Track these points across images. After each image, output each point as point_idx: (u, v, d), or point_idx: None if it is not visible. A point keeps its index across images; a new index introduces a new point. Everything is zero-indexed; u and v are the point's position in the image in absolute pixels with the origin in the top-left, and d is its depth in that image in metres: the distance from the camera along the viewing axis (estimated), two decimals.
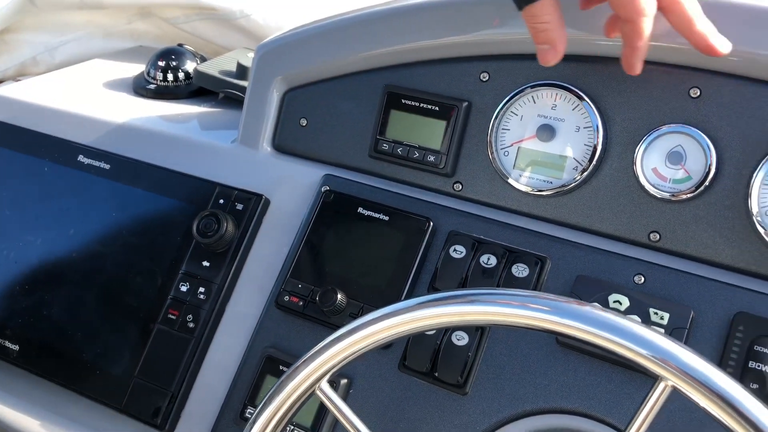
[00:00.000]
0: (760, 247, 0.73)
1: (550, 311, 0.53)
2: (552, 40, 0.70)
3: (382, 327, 0.59)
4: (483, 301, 0.54)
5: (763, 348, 0.68)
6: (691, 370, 0.49)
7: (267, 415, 0.61)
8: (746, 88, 0.74)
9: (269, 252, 0.92)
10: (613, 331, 0.51)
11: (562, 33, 0.70)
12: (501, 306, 0.53)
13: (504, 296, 0.54)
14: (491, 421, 0.76)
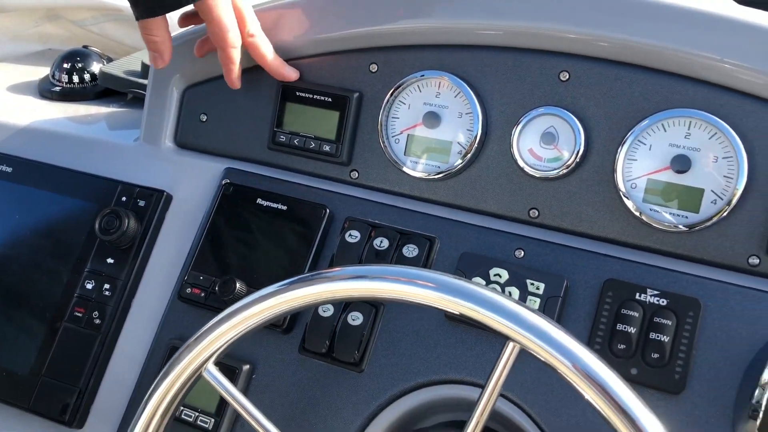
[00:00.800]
0: (627, 218, 0.78)
1: (405, 282, 0.57)
2: (160, 51, 0.86)
3: (263, 306, 0.62)
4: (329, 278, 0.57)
5: (629, 311, 0.74)
6: (535, 331, 0.53)
7: (155, 400, 0.63)
8: (611, 71, 0.80)
9: (173, 246, 0.94)
10: (465, 297, 0.55)
11: (169, 46, 0.86)
12: (349, 281, 0.57)
13: (353, 271, 0.57)
14: (386, 395, 0.79)
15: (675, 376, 0.71)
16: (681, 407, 0.71)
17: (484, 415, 0.56)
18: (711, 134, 0.75)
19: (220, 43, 0.85)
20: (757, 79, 0.74)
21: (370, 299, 0.59)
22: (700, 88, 0.76)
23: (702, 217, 0.75)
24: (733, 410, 0.69)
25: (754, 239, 0.74)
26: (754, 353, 0.70)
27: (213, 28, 0.84)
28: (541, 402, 0.74)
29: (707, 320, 0.72)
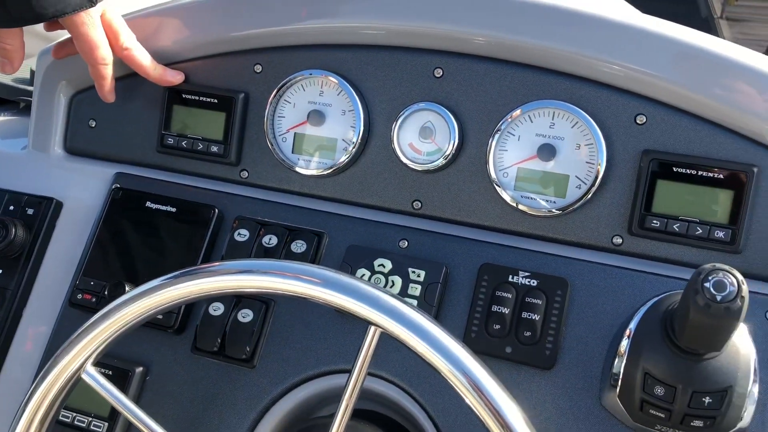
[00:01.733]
0: (501, 205, 0.82)
1: (283, 277, 0.59)
2: (10, 59, 0.85)
3: (139, 306, 0.63)
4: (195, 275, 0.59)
5: (503, 293, 0.78)
6: (393, 315, 0.56)
7: (33, 405, 0.63)
8: (481, 66, 0.84)
9: (65, 253, 0.93)
10: (330, 286, 0.57)
11: (20, 54, 0.85)
12: (218, 276, 0.59)
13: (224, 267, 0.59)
14: (278, 389, 0.81)
15: (546, 353, 0.75)
16: (553, 381, 0.75)
17: (353, 397, 0.59)
18: (573, 123, 0.80)
19: (89, 60, 0.85)
20: (613, 71, 0.79)
21: (236, 293, 0.60)
22: (562, 81, 0.81)
23: (568, 202, 0.80)
24: (599, 381, 0.74)
25: (617, 220, 0.79)
26: (617, 327, 0.75)
27: (80, 44, 0.83)
28: (425, 385, 0.77)
29: (575, 298, 0.77)
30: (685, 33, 0.78)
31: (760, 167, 0.75)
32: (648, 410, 0.69)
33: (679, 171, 0.76)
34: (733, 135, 0.76)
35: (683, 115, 0.77)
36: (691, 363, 0.66)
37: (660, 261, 0.77)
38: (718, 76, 0.76)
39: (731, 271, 0.59)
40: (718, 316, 0.59)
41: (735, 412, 0.67)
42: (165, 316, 0.84)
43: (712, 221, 0.75)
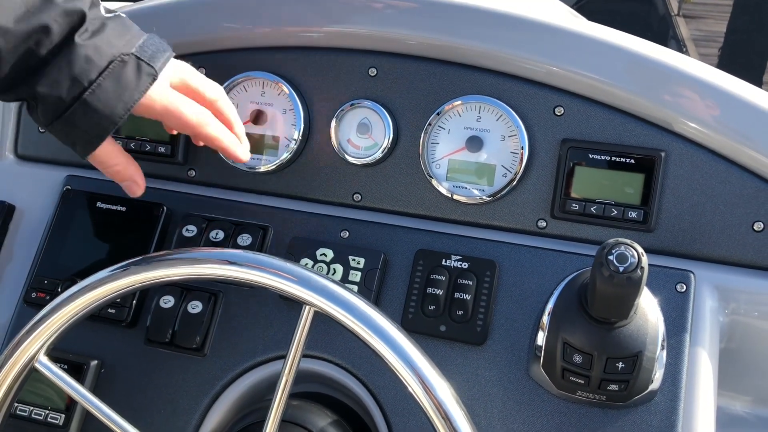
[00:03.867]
0: (434, 195, 0.88)
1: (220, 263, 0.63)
2: (130, 177, 0.78)
3: (89, 296, 0.66)
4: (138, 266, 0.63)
5: (437, 276, 0.83)
6: (324, 294, 0.61)
7: None
8: (412, 65, 0.89)
9: (19, 254, 0.96)
10: (265, 270, 0.62)
11: (134, 168, 0.78)
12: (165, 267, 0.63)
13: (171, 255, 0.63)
14: (228, 376, 0.85)
15: (477, 329, 0.80)
16: (484, 356, 0.80)
17: (291, 372, 0.63)
18: (498, 116, 0.86)
19: (189, 132, 0.77)
20: (533, 66, 0.85)
21: (181, 280, 0.64)
22: (487, 77, 0.87)
23: (496, 189, 0.86)
24: (527, 355, 0.80)
25: (541, 205, 0.85)
26: (542, 303, 0.81)
27: (168, 121, 0.75)
28: (366, 365, 0.82)
29: (503, 278, 0.83)
30: (599, 30, 0.85)
31: (667, 152, 0.81)
32: (569, 378, 0.75)
33: (595, 157, 0.83)
34: (642, 123, 0.83)
35: (597, 106, 0.84)
36: (604, 331, 0.72)
37: (580, 241, 0.84)
38: (630, 70, 0.82)
39: (632, 244, 0.65)
40: (621, 286, 0.65)
41: (645, 375, 0.73)
42: (117, 311, 0.88)
43: (625, 203, 0.82)
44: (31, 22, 0.65)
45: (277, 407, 0.64)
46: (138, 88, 0.70)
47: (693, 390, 0.76)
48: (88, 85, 0.67)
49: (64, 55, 0.67)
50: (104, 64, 0.68)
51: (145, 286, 0.64)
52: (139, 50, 0.70)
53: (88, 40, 0.67)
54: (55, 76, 0.67)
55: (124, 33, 0.70)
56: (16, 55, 0.65)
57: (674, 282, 0.79)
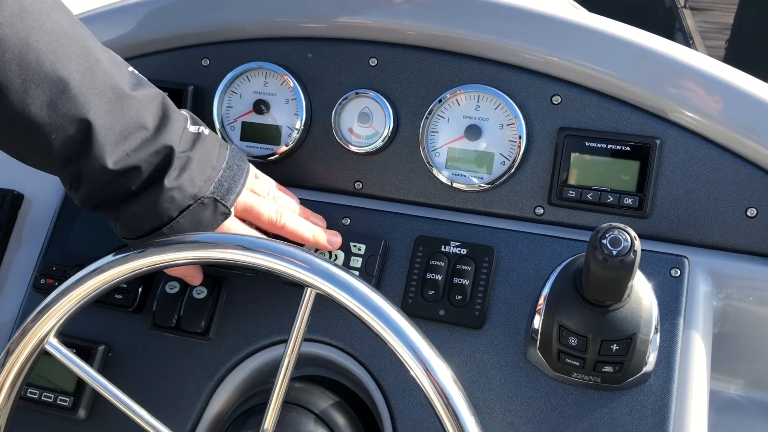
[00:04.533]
0: (434, 182, 0.89)
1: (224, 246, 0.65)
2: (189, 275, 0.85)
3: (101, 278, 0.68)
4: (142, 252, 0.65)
5: (436, 261, 0.85)
6: (327, 277, 0.63)
7: (1, 377, 0.69)
8: (412, 55, 0.91)
9: (28, 242, 0.98)
10: (267, 253, 0.64)
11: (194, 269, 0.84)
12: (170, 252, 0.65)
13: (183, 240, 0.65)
14: (233, 359, 0.87)
15: (475, 314, 0.82)
16: (482, 340, 0.82)
17: (293, 352, 0.65)
18: (496, 105, 0.87)
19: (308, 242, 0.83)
20: (531, 56, 0.86)
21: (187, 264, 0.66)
22: (485, 67, 0.88)
23: (494, 177, 0.87)
24: (524, 338, 0.82)
25: (538, 192, 0.87)
26: (540, 288, 0.83)
27: None
28: (367, 348, 0.84)
29: (501, 264, 0.84)
30: (596, 21, 0.86)
31: (662, 139, 0.83)
32: (565, 360, 0.76)
33: (591, 145, 0.84)
34: (638, 111, 0.84)
35: (594, 95, 0.85)
36: (599, 314, 0.74)
37: (577, 228, 0.85)
38: (626, 59, 0.84)
39: (625, 228, 0.67)
40: (614, 269, 0.67)
41: (639, 357, 0.75)
42: (124, 297, 0.90)
43: (621, 190, 0.83)
44: (128, 162, 0.71)
45: (280, 387, 0.66)
46: (212, 225, 0.76)
47: (686, 372, 0.77)
48: (168, 221, 0.73)
49: (151, 193, 0.72)
50: (185, 204, 0.73)
51: (149, 270, 0.66)
52: (216, 188, 0.75)
53: (174, 181, 0.73)
54: (139, 209, 0.73)
55: (205, 167, 0.75)
56: (109, 187, 0.72)
57: (668, 267, 0.80)
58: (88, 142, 0.68)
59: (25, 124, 0.66)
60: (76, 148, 0.69)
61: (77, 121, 0.67)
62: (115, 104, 0.70)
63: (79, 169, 0.70)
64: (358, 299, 0.62)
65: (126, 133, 0.70)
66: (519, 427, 0.78)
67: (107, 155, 0.69)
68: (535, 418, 0.78)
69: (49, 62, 0.65)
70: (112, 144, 0.69)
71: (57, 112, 0.66)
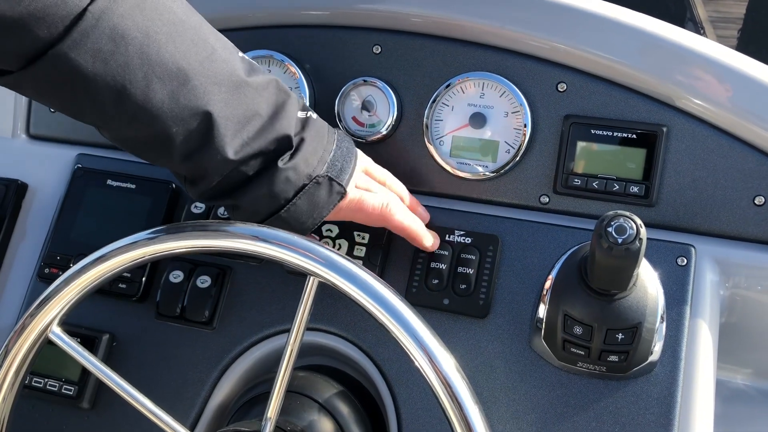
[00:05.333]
0: (438, 171, 0.89)
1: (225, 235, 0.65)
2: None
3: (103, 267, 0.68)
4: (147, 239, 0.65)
5: (440, 251, 0.84)
6: (329, 266, 0.62)
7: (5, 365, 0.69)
8: (416, 42, 0.90)
9: (32, 231, 0.98)
10: (270, 242, 0.63)
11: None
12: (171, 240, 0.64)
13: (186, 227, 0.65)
14: (237, 348, 0.87)
15: (480, 303, 0.82)
16: (487, 329, 0.82)
17: (297, 341, 0.65)
18: (501, 93, 0.87)
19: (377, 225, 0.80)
20: (536, 43, 0.85)
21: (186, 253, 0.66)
22: (490, 54, 0.87)
23: (499, 165, 0.86)
24: (529, 327, 0.81)
25: (543, 180, 0.86)
26: (544, 277, 0.82)
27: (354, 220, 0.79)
28: (370, 337, 0.84)
29: (505, 253, 0.84)
30: (602, 7, 0.85)
31: (669, 127, 0.82)
32: (570, 349, 0.76)
33: (597, 133, 0.83)
34: (644, 98, 0.83)
35: (600, 82, 0.84)
36: (604, 303, 0.73)
37: (582, 216, 0.84)
38: (632, 46, 0.83)
39: (631, 216, 0.66)
40: (619, 257, 0.66)
41: (645, 346, 0.74)
42: (128, 286, 0.90)
43: (627, 178, 0.82)
44: (247, 151, 0.69)
45: (283, 376, 0.66)
46: (328, 206, 0.74)
47: (692, 362, 0.77)
48: (285, 203, 0.72)
49: (266, 176, 0.71)
50: (300, 184, 0.72)
51: (153, 258, 0.66)
52: (330, 167, 0.74)
53: (288, 162, 0.71)
54: (255, 193, 0.72)
55: (318, 148, 0.74)
56: (228, 178, 0.71)
57: (675, 256, 0.79)
58: (209, 134, 0.67)
59: (148, 118, 0.65)
60: (198, 140, 0.67)
61: (198, 113, 0.66)
62: (234, 93, 0.68)
63: (200, 162, 0.69)
64: (361, 288, 0.61)
65: (244, 122, 0.69)
66: (523, 416, 0.78)
67: (227, 146, 0.68)
68: (539, 408, 0.78)
69: (169, 54, 0.64)
70: (232, 134, 0.68)
71: (178, 104, 0.65)
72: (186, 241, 0.64)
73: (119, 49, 0.61)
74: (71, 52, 0.59)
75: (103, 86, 0.62)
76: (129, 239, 0.67)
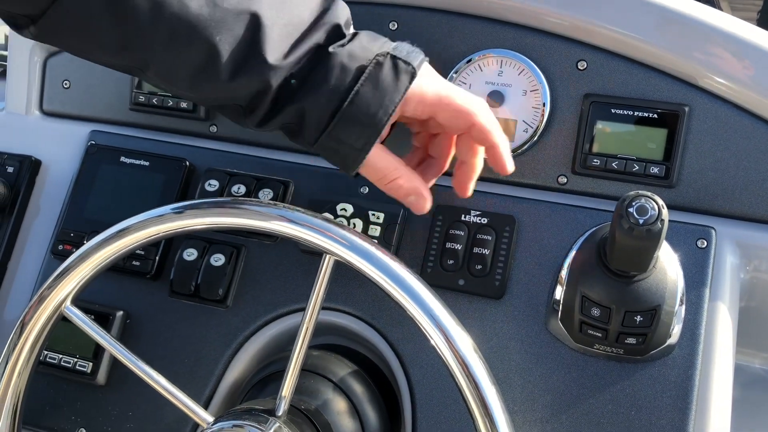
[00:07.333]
0: None
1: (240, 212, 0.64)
2: (414, 190, 0.71)
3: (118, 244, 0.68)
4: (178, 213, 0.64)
5: (456, 231, 0.83)
6: (345, 244, 0.61)
7: (21, 340, 0.69)
8: (433, 18, 0.88)
9: (45, 208, 0.98)
10: (288, 221, 0.63)
11: (419, 181, 0.71)
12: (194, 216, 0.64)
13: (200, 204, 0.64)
14: (250, 327, 0.87)
15: (496, 284, 0.81)
16: (503, 310, 0.81)
17: (312, 319, 0.65)
18: (519, 71, 0.85)
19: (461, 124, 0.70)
20: (556, 19, 0.84)
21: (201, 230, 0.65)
22: (509, 30, 0.86)
23: (516, 145, 0.85)
24: (545, 309, 0.80)
25: (562, 161, 0.85)
26: (562, 259, 0.81)
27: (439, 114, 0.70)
28: (385, 316, 0.83)
29: (522, 233, 0.83)
30: None
31: (690, 106, 0.80)
32: (587, 331, 0.75)
33: (617, 112, 0.82)
34: (666, 77, 0.81)
35: (620, 60, 0.83)
36: (623, 285, 0.72)
37: (601, 197, 0.83)
38: (655, 23, 0.81)
39: (653, 196, 0.65)
40: (640, 238, 0.65)
41: (663, 329, 0.73)
42: (142, 263, 0.90)
43: (647, 158, 0.81)
44: (298, 52, 0.63)
45: (298, 354, 0.65)
46: (398, 89, 0.65)
47: (711, 345, 0.76)
48: (345, 94, 0.64)
49: (320, 67, 0.64)
50: (359, 67, 0.64)
51: (167, 235, 0.65)
52: (394, 49, 0.67)
53: (342, 48, 0.64)
54: (311, 95, 0.64)
55: (376, 38, 0.67)
56: (282, 88, 0.64)
57: (695, 238, 0.78)
58: (257, 38, 0.60)
59: (187, 30, 0.58)
60: (245, 48, 0.60)
61: (243, 15, 0.59)
62: None
63: (251, 75, 0.61)
64: (378, 267, 0.60)
65: (293, 24, 0.62)
66: (539, 398, 0.77)
67: (277, 50, 0.61)
68: (555, 390, 0.77)
69: None
70: (279, 36, 0.61)
71: (219, 8, 0.58)
72: (196, 220, 0.64)
73: None
74: None
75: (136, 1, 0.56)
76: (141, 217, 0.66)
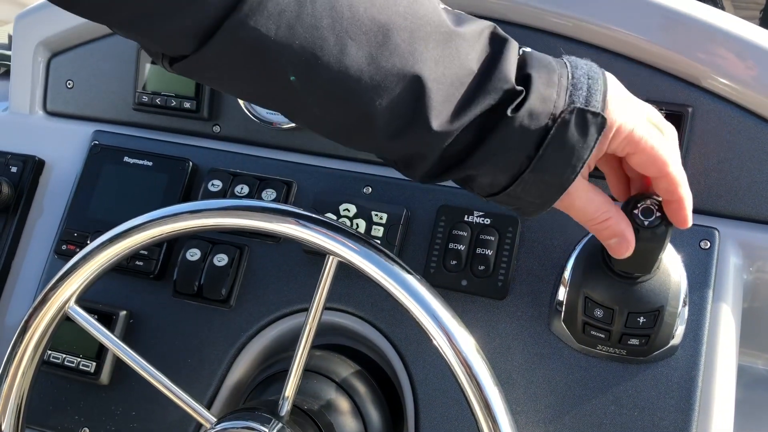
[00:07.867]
0: None
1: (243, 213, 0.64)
2: (621, 233, 0.63)
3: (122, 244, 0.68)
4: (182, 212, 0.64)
5: (459, 231, 0.83)
6: (350, 246, 0.62)
7: (24, 341, 0.69)
8: None
9: (49, 207, 0.98)
10: (292, 222, 0.63)
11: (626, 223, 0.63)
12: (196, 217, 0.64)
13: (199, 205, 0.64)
14: (253, 327, 0.87)
15: (498, 284, 0.81)
16: (505, 311, 0.81)
17: (315, 320, 0.65)
18: None
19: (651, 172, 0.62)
20: (558, 20, 0.84)
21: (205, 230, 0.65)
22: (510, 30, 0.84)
23: None
24: (548, 310, 0.80)
25: None
26: (565, 259, 0.81)
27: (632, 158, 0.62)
28: (388, 317, 0.84)
29: (525, 234, 0.83)
30: None
31: (694, 107, 0.80)
32: (590, 332, 0.75)
33: None
34: (669, 78, 0.81)
35: (623, 60, 0.83)
36: (626, 286, 0.72)
37: None
38: (657, 23, 0.81)
39: (658, 198, 0.65)
40: (645, 240, 0.65)
41: (667, 330, 0.73)
42: (145, 263, 0.90)
43: None
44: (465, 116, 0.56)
45: (301, 355, 0.65)
46: (587, 145, 0.58)
47: (714, 346, 0.76)
48: (528, 160, 0.57)
49: (497, 134, 0.57)
50: (542, 128, 0.57)
51: (171, 236, 0.66)
52: (572, 93, 0.57)
53: (519, 109, 0.56)
54: (486, 159, 0.58)
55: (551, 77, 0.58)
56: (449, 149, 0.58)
57: (698, 239, 0.78)
58: (419, 103, 0.55)
59: (343, 92, 0.54)
60: (406, 112, 0.55)
61: (404, 78, 0.54)
62: (444, 48, 0.55)
63: (411, 140, 0.56)
64: (381, 268, 0.60)
65: (458, 83, 0.55)
66: (541, 398, 0.77)
67: (442, 114, 0.55)
68: (557, 391, 0.77)
69: (363, 7, 0.52)
70: (444, 98, 0.55)
71: (380, 70, 0.53)
72: (197, 221, 0.64)
73: (305, 9, 0.51)
74: (250, 19, 0.50)
75: (290, 56, 0.52)
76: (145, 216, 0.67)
